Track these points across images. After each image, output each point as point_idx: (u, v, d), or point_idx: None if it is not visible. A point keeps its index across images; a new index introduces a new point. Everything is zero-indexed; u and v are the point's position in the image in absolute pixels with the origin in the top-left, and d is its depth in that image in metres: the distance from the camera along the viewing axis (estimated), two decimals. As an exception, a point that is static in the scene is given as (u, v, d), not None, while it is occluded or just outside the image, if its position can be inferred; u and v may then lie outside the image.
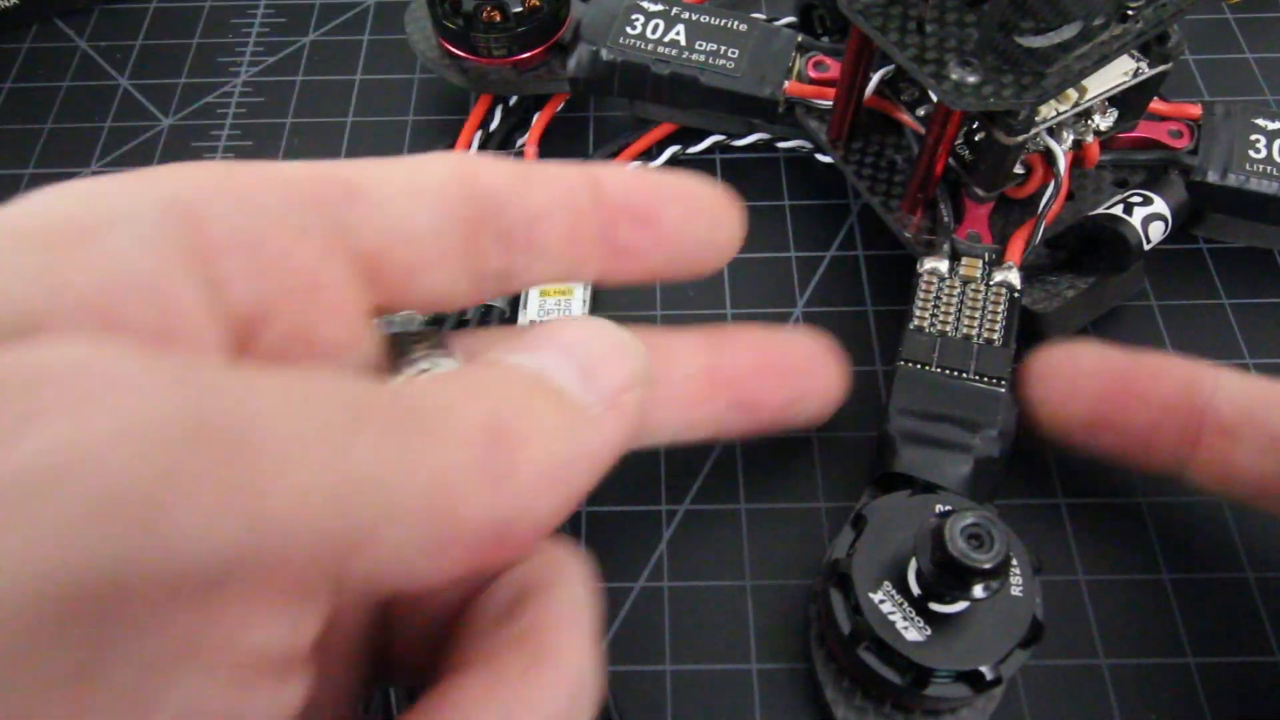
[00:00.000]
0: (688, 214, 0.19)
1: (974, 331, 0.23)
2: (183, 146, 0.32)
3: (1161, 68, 0.24)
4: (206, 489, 0.09)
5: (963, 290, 0.24)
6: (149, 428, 0.09)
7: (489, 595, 0.15)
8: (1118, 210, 0.25)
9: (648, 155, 0.30)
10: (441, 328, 0.20)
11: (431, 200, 0.16)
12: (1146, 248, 0.25)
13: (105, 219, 0.12)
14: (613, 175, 0.18)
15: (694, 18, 0.29)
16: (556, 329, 0.15)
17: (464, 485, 0.12)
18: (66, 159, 0.32)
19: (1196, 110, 0.27)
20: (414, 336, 0.18)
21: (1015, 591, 0.19)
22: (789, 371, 0.23)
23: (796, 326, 0.24)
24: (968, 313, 0.24)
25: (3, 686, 0.08)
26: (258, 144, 0.32)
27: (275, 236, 0.14)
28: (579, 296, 0.27)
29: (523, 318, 0.27)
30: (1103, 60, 0.22)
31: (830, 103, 0.27)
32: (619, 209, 0.18)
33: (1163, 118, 0.27)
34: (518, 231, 0.17)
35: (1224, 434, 0.21)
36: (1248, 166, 0.26)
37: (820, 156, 0.30)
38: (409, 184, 0.16)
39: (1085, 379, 0.22)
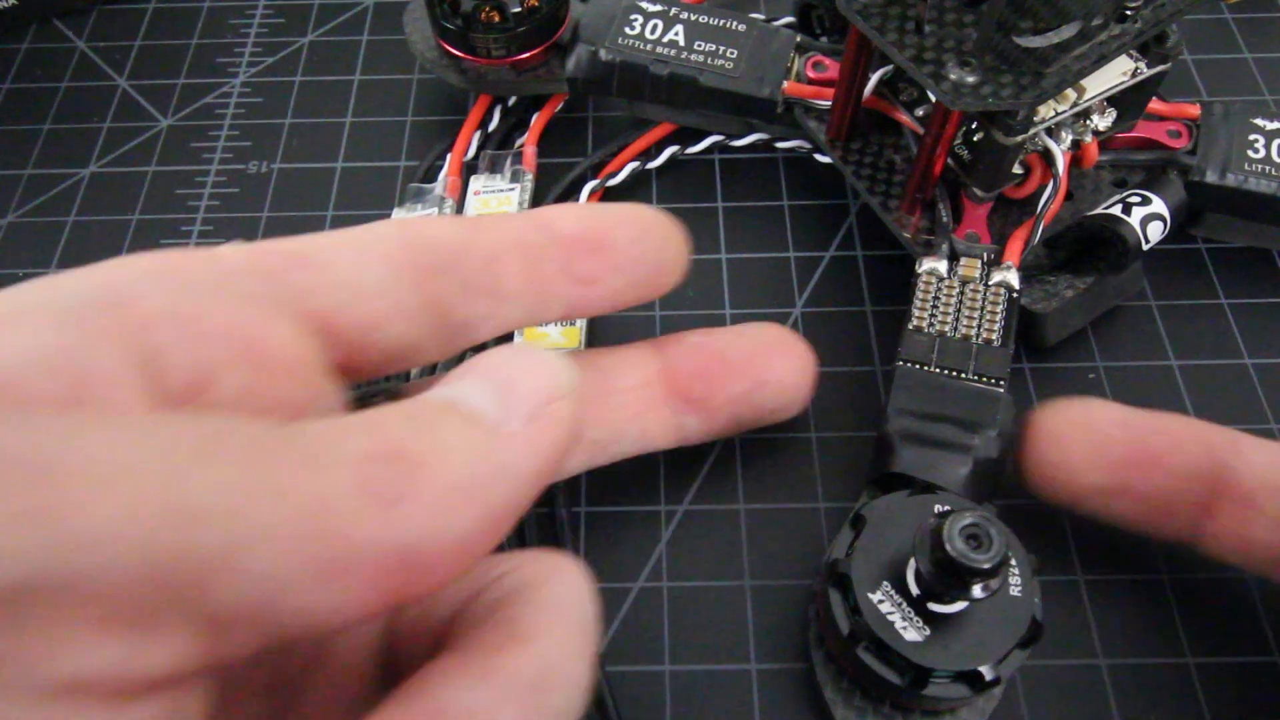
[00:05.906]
0: (637, 235, 0.20)
1: (973, 332, 0.23)
2: (181, 147, 0.32)
3: (1160, 68, 0.25)
4: None
5: (961, 290, 0.24)
6: None
7: (476, 600, 0.16)
8: (1116, 210, 0.25)
9: (647, 155, 0.30)
10: (404, 379, 0.20)
11: (379, 257, 0.16)
12: (1145, 248, 0.25)
13: (23, 308, 0.13)
14: (562, 211, 0.19)
15: (693, 18, 0.29)
16: (481, 357, 0.15)
17: (348, 509, 0.12)
18: (65, 160, 0.32)
19: (1195, 110, 0.27)
20: (377, 392, 0.18)
21: (1014, 591, 0.19)
22: (738, 365, 0.23)
23: (761, 324, 0.24)
24: (966, 313, 0.24)
25: None
26: (256, 144, 0.32)
27: (213, 308, 0.14)
28: (515, 199, 0.28)
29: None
30: (1101, 60, 0.22)
31: (829, 103, 0.27)
32: (574, 241, 0.19)
33: (1161, 118, 0.27)
34: (476, 278, 0.17)
35: (1242, 503, 0.20)
36: (1246, 166, 0.26)
37: (819, 156, 0.30)
38: (355, 245, 0.16)
39: (1103, 445, 0.21)
